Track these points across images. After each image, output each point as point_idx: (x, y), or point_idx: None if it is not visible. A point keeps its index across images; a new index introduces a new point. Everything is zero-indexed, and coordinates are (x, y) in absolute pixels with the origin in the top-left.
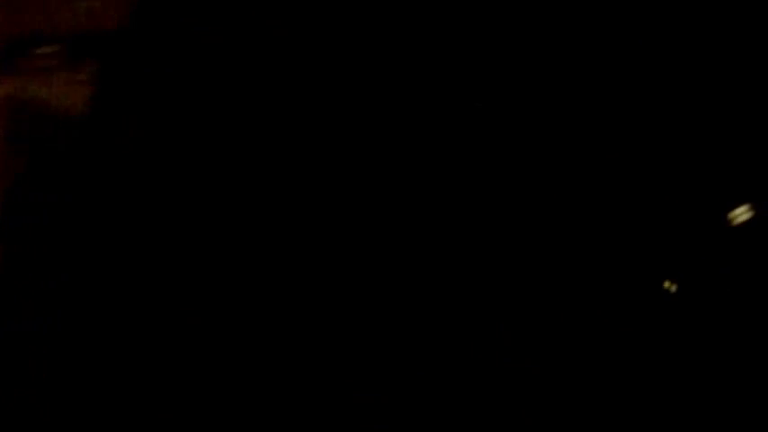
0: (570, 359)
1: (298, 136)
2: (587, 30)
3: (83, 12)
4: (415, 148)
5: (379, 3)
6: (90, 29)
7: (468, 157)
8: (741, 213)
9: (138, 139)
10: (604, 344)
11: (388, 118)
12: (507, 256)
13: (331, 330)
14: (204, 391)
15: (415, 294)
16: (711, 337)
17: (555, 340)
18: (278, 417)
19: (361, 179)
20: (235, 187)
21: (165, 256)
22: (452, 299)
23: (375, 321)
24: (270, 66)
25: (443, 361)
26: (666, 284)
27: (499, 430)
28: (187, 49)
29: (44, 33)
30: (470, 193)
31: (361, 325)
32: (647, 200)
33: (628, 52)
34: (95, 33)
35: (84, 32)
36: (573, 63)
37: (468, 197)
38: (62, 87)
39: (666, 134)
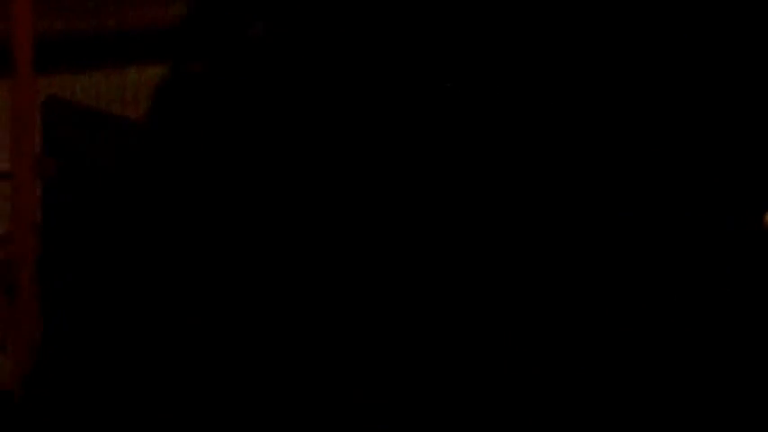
0: (572, 360)
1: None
2: (587, 29)
3: (129, 10)
4: (413, 146)
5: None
6: (137, 27)
7: (468, 156)
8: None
9: (195, 146)
10: (607, 345)
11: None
12: (508, 255)
13: (330, 330)
14: (206, 392)
15: (414, 294)
16: (721, 340)
17: (556, 342)
18: (278, 417)
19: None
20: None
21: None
22: (452, 299)
23: (374, 321)
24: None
25: (443, 361)
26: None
27: (499, 430)
28: (248, 50)
29: (85, 31)
30: (471, 193)
31: (359, 325)
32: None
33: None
34: (142, 32)
35: (131, 31)
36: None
37: (468, 197)
38: (103, 86)
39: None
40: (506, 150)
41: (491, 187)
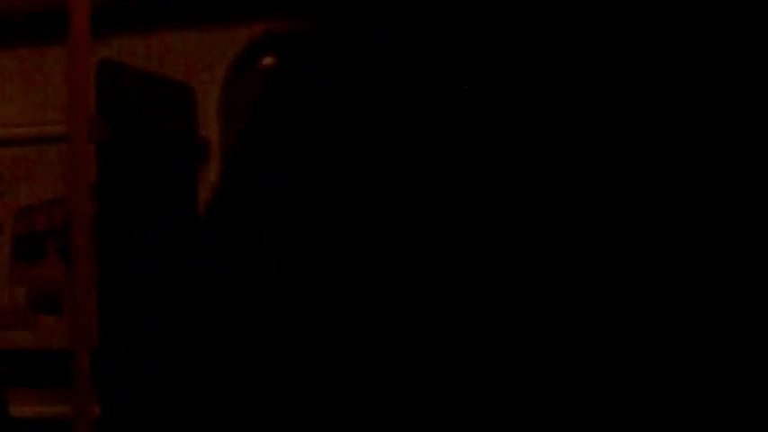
0: (571, 359)
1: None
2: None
3: None
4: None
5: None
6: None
7: (469, 157)
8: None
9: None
10: (604, 344)
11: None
12: (509, 256)
13: (330, 331)
14: (218, 391)
15: (414, 295)
16: (713, 337)
17: (556, 342)
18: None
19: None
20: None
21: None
22: (453, 299)
23: (375, 322)
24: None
25: (444, 362)
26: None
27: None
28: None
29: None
30: (471, 194)
31: (360, 326)
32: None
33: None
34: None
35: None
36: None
37: (468, 198)
38: (155, 49)
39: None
40: (510, 152)
41: (494, 188)
